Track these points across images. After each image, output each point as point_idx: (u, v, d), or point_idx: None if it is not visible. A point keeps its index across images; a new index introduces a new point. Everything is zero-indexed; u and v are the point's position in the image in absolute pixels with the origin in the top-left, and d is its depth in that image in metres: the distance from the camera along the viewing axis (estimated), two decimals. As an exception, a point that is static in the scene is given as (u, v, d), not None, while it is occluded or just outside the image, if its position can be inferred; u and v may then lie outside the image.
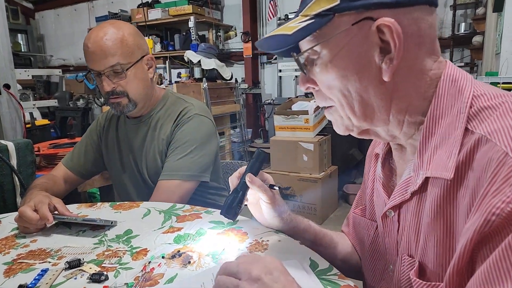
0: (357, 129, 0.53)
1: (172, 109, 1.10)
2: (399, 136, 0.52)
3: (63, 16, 6.76)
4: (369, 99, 0.48)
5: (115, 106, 1.02)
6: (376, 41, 0.45)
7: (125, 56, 0.98)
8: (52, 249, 0.70)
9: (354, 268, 0.74)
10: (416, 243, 0.49)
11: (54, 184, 1.08)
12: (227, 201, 0.70)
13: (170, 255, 0.66)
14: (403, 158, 0.55)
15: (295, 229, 0.72)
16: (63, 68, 5.99)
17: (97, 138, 1.20)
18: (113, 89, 0.99)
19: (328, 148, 3.03)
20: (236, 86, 4.16)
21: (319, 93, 0.52)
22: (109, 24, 0.99)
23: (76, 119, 3.55)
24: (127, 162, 1.13)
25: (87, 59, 0.98)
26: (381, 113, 0.49)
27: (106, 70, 0.97)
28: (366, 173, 0.70)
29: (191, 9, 4.35)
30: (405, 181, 0.51)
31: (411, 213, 0.50)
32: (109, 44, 0.96)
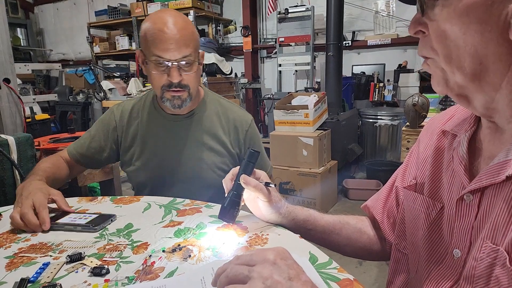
0: (459, 89, 0.47)
1: (222, 110, 1.11)
2: (503, 111, 0.46)
3: (63, 10, 6.73)
4: (486, 56, 0.42)
5: (174, 99, 0.97)
6: None
7: (195, 49, 0.96)
8: (53, 243, 0.70)
9: (363, 249, 0.73)
10: (505, 231, 0.45)
11: (58, 169, 1.03)
12: (224, 205, 0.70)
13: (171, 249, 0.66)
14: (498, 139, 0.50)
15: (294, 221, 0.72)
16: (62, 63, 5.98)
17: (112, 131, 1.10)
18: (179, 81, 0.94)
19: (328, 143, 3.03)
20: (235, 80, 4.15)
21: (426, 40, 0.48)
22: (175, 12, 0.95)
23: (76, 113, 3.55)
24: (171, 158, 1.06)
25: (157, 45, 0.90)
26: (495, 76, 0.43)
27: (180, 60, 0.92)
28: (423, 149, 0.65)
29: (190, 3, 4.33)
30: (498, 164, 0.46)
31: (503, 199, 0.46)
32: (185, 33, 0.91)
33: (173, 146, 1.07)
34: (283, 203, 0.72)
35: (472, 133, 0.55)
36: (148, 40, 0.92)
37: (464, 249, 0.51)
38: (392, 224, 0.71)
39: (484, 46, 0.42)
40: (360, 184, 3.29)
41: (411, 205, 0.63)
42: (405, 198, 0.66)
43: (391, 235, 0.70)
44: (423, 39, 0.48)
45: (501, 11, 0.40)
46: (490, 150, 0.52)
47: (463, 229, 0.52)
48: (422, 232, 0.59)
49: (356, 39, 4.31)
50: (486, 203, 0.48)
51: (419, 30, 0.48)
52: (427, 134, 0.66)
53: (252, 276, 0.43)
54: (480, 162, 0.53)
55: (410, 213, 0.63)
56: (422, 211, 0.60)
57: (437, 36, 0.45)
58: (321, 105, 3.07)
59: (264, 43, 4.92)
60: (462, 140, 0.55)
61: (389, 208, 0.72)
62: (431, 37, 0.46)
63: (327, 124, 3.13)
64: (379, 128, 3.74)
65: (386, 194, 0.73)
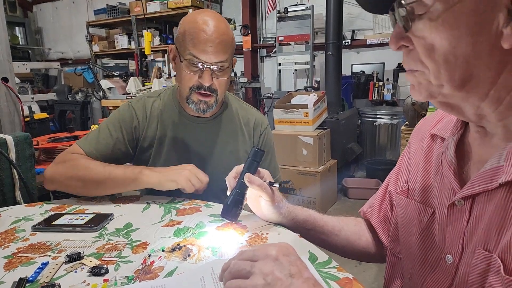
0: (444, 98, 0.46)
1: (242, 113, 1.09)
2: (489, 116, 0.46)
3: (61, 9, 6.71)
4: (476, 67, 0.41)
5: (200, 103, 0.94)
6: (505, 1, 0.38)
7: (231, 56, 0.93)
8: (52, 243, 0.70)
9: (362, 251, 0.73)
10: (497, 238, 0.44)
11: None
12: (227, 203, 0.70)
13: (170, 248, 0.66)
14: (486, 143, 0.50)
15: (294, 221, 0.72)
16: (61, 62, 5.96)
17: (134, 130, 1.01)
18: (210, 85, 0.91)
19: (327, 142, 3.03)
20: (235, 79, 4.14)
21: (412, 54, 0.45)
22: (217, 15, 0.92)
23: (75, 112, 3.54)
24: (192, 162, 0.98)
25: (197, 45, 0.87)
26: (484, 86, 0.43)
27: (215, 64, 0.89)
28: (413, 153, 0.65)
29: (190, 2, 4.31)
30: (491, 170, 0.46)
31: (495, 205, 0.45)
32: (226, 38, 0.89)
33: (194, 149, 1.03)
34: (284, 203, 0.72)
35: (459, 137, 0.54)
36: (186, 37, 0.89)
37: (456, 255, 0.51)
38: (388, 229, 0.71)
39: (476, 57, 0.41)
40: (359, 183, 3.29)
41: (403, 211, 0.63)
42: (398, 204, 0.66)
43: (387, 240, 0.70)
44: (408, 53, 0.46)
45: (492, 21, 0.39)
46: (479, 154, 0.51)
47: (455, 235, 0.51)
48: (415, 238, 0.58)
49: (355, 38, 4.30)
50: (478, 208, 0.48)
51: (402, 45, 0.46)
52: (417, 137, 0.66)
53: (253, 271, 0.43)
54: (470, 166, 0.52)
55: (403, 218, 0.63)
56: (414, 217, 0.59)
57: (425, 51, 0.43)
58: (321, 104, 3.06)
59: (263, 42, 4.91)
60: (449, 144, 0.55)
61: (384, 213, 0.72)
62: (418, 51, 0.44)
63: (326, 123, 3.13)
64: (378, 127, 3.74)
65: (380, 199, 0.73)
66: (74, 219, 0.79)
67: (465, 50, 0.41)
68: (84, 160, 0.93)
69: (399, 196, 0.65)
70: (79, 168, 0.90)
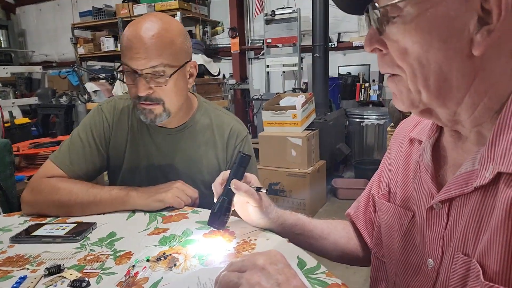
0: (423, 106, 0.46)
1: (218, 122, 1.01)
2: (464, 122, 0.46)
3: (46, 11, 6.56)
4: (449, 73, 0.42)
5: (146, 113, 0.88)
6: (475, 7, 0.38)
7: (170, 59, 0.84)
8: (30, 255, 0.67)
9: (350, 254, 0.73)
10: (475, 242, 0.45)
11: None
12: (214, 211, 0.68)
13: (155, 258, 0.64)
14: (461, 147, 0.50)
15: (283, 226, 0.71)
16: (45, 64, 5.83)
17: (102, 133, 0.97)
18: (148, 94, 0.84)
19: (316, 143, 3.04)
20: (223, 82, 4.13)
21: (386, 58, 0.45)
22: (156, 18, 0.85)
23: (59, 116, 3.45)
24: (159, 174, 0.97)
25: (125, 53, 0.83)
26: (458, 91, 0.43)
27: (146, 71, 0.83)
28: (394, 157, 0.65)
29: (177, 5, 4.28)
30: (466, 173, 0.46)
31: (471, 209, 0.45)
32: (155, 41, 0.82)
33: (161, 161, 0.98)
34: (272, 208, 0.71)
35: (435, 140, 0.55)
36: (122, 47, 0.85)
37: (436, 259, 0.51)
38: (372, 233, 0.71)
39: (448, 63, 0.41)
40: (348, 184, 3.31)
41: (385, 215, 0.63)
42: (379, 208, 0.66)
43: (372, 243, 0.70)
44: (382, 57, 0.46)
45: (463, 27, 0.39)
46: (454, 157, 0.52)
47: (434, 239, 0.51)
48: (397, 243, 0.58)
49: (341, 40, 4.34)
50: (455, 212, 0.48)
51: (376, 47, 0.46)
52: (396, 141, 0.66)
53: (241, 283, 0.43)
54: (446, 170, 0.53)
55: (385, 223, 0.63)
56: (395, 221, 0.60)
57: (399, 54, 0.43)
58: (309, 105, 3.07)
59: (251, 44, 4.91)
60: (426, 147, 0.55)
61: (369, 216, 0.72)
62: (393, 55, 0.44)
63: (315, 125, 3.15)
64: (365, 128, 3.78)
65: (365, 202, 0.73)
66: (54, 229, 0.76)
67: (437, 55, 0.41)
68: (64, 184, 0.87)
69: (381, 201, 0.65)
70: (61, 194, 0.85)
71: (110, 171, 1.02)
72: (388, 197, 0.64)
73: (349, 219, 0.77)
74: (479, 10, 0.38)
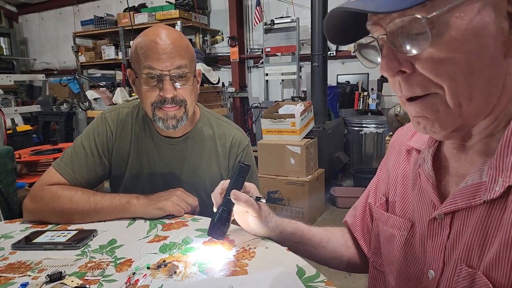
0: (461, 121, 0.43)
1: (219, 132, 1.02)
2: (478, 133, 0.45)
3: (48, 20, 6.64)
4: (489, 80, 0.40)
5: (168, 118, 0.88)
6: (503, 11, 0.38)
7: (191, 62, 0.89)
8: (32, 262, 0.68)
9: (349, 262, 0.73)
10: (480, 254, 0.44)
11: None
12: (213, 221, 0.69)
13: (156, 265, 0.65)
14: (464, 158, 0.49)
15: (282, 234, 0.72)
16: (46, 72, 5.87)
17: (105, 142, 0.97)
18: (174, 96, 0.87)
19: (315, 151, 3.06)
20: (223, 90, 4.16)
21: (414, 78, 0.42)
22: (167, 27, 0.90)
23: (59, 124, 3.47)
24: (163, 185, 0.97)
25: (148, 56, 0.84)
26: (493, 98, 0.41)
27: (173, 71, 0.85)
28: (391, 166, 0.64)
29: (177, 14, 4.34)
30: (473, 186, 0.45)
31: (476, 221, 0.44)
32: (178, 43, 0.86)
33: (165, 172, 0.99)
34: (271, 217, 0.72)
35: (435, 149, 0.54)
36: (139, 53, 0.86)
37: (437, 270, 0.50)
38: (370, 242, 0.71)
39: (488, 69, 0.40)
40: (347, 192, 3.31)
41: (384, 225, 0.63)
42: (378, 218, 0.66)
43: (369, 252, 0.71)
44: (408, 78, 0.42)
45: (497, 32, 0.38)
46: (456, 168, 0.51)
47: (435, 249, 0.51)
48: (398, 253, 0.58)
49: (340, 49, 4.39)
50: (459, 224, 0.48)
51: (400, 70, 0.42)
52: (394, 150, 0.66)
53: None
54: (448, 180, 0.52)
55: (384, 234, 0.63)
56: (395, 231, 0.59)
57: (436, 69, 0.40)
58: (308, 114, 3.10)
59: (251, 53, 4.96)
60: (426, 157, 0.54)
61: (367, 225, 0.73)
62: (426, 71, 0.41)
63: (313, 133, 3.16)
64: (364, 136, 3.80)
65: (361, 211, 0.73)
66: (56, 236, 0.77)
67: (478, 62, 0.39)
68: (65, 192, 0.88)
69: (379, 211, 0.65)
70: (62, 202, 0.86)
71: (112, 179, 1.03)
72: (386, 206, 0.64)
73: (346, 226, 0.78)
74: (505, 14, 0.39)
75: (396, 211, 0.61)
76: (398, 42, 0.41)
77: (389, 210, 0.63)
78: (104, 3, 5.93)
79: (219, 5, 5.00)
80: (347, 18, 0.44)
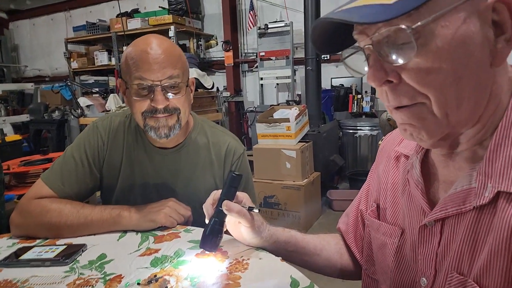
0: (448, 129, 0.43)
1: (214, 140, 1.00)
2: (466, 142, 0.45)
3: (39, 26, 6.60)
4: (475, 89, 0.40)
5: (160, 127, 0.85)
6: (488, 20, 0.38)
7: (183, 71, 0.87)
8: (18, 280, 0.65)
9: (343, 269, 0.73)
10: (471, 261, 0.44)
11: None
12: (205, 233, 0.67)
13: (146, 280, 0.63)
14: (452, 164, 0.49)
15: (276, 244, 0.71)
16: (38, 79, 5.82)
17: (96, 151, 0.95)
18: (166, 106, 0.84)
19: (310, 155, 3.05)
20: (217, 95, 4.15)
21: (401, 88, 0.41)
22: (159, 36, 0.88)
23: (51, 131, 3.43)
24: (156, 196, 0.95)
25: (139, 66, 0.82)
26: (481, 107, 0.42)
27: (164, 81, 0.83)
28: (381, 172, 0.64)
29: (171, 19, 4.32)
30: (462, 192, 0.45)
31: (466, 227, 0.44)
32: (170, 53, 0.84)
33: (158, 183, 0.97)
34: (265, 226, 0.71)
35: (423, 155, 0.54)
36: (129, 63, 0.84)
37: (430, 278, 0.50)
38: (363, 249, 0.71)
39: (474, 78, 0.40)
40: (343, 195, 3.30)
41: (376, 233, 0.63)
42: (370, 226, 0.66)
43: (362, 260, 0.70)
44: (395, 88, 0.42)
45: (483, 40, 0.39)
46: (445, 174, 0.51)
47: (427, 256, 0.50)
48: (390, 261, 0.58)
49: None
50: (449, 230, 0.47)
51: (386, 80, 0.42)
52: (383, 156, 0.66)
53: None
54: (437, 187, 0.52)
55: (377, 241, 0.62)
56: (387, 240, 0.59)
57: (422, 78, 0.40)
58: (302, 117, 3.09)
59: (245, 57, 4.96)
60: (414, 163, 0.54)
61: (359, 232, 0.72)
62: (412, 81, 0.40)
63: (308, 137, 3.16)
64: (359, 139, 3.80)
65: (353, 218, 0.73)
66: (44, 252, 0.75)
67: (464, 71, 0.39)
68: (54, 205, 0.85)
69: (371, 218, 0.64)
70: (51, 216, 0.83)
71: (104, 190, 1.00)
72: (377, 213, 0.63)
73: (339, 233, 0.77)
74: (490, 23, 0.39)
75: (387, 218, 0.60)
76: (384, 52, 0.40)
77: (380, 217, 0.63)
78: (96, 8, 5.90)
79: (213, 9, 5.00)
80: (333, 28, 0.44)
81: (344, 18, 0.38)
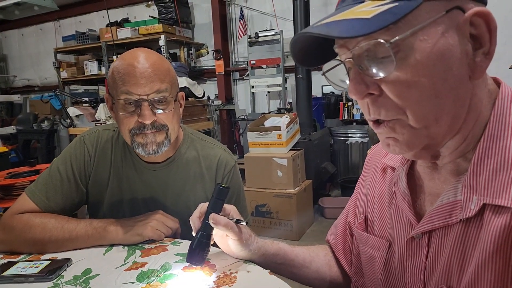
0: (428, 140, 0.43)
1: (204, 153, 0.99)
2: (449, 154, 0.46)
3: (28, 36, 6.55)
4: (454, 101, 0.40)
5: (148, 143, 0.83)
6: (466, 34, 0.39)
7: (172, 85, 0.85)
8: (-1, 298, 0.64)
9: (332, 282, 0.72)
10: (459, 274, 0.44)
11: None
12: (192, 247, 0.67)
13: (132, 296, 0.62)
14: (437, 177, 0.50)
15: (264, 256, 0.70)
16: (27, 89, 5.75)
17: (83, 166, 0.93)
18: (153, 121, 0.82)
19: (302, 163, 3.06)
20: (208, 103, 4.15)
21: (382, 100, 0.42)
22: (147, 50, 0.86)
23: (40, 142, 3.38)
24: (145, 211, 0.92)
25: (126, 80, 0.80)
26: (458, 121, 0.42)
27: (152, 96, 0.81)
28: (368, 184, 0.64)
29: (161, 28, 4.34)
30: (448, 204, 0.45)
31: (454, 240, 0.44)
32: (157, 67, 0.82)
33: (147, 198, 0.95)
34: (253, 239, 0.70)
35: (409, 167, 0.54)
36: (115, 78, 0.81)
37: None
38: (351, 261, 0.71)
39: (453, 91, 0.40)
40: (335, 202, 3.31)
41: (364, 246, 0.63)
42: (358, 238, 0.66)
43: (351, 272, 0.70)
44: (375, 100, 0.42)
45: (461, 54, 0.39)
46: (430, 187, 0.51)
47: (415, 269, 0.50)
48: (379, 274, 0.58)
49: (324, 60, 4.46)
50: (436, 243, 0.47)
51: (369, 93, 0.42)
52: (370, 168, 0.66)
53: None
54: (423, 199, 0.52)
55: (365, 255, 0.62)
56: (375, 253, 0.59)
57: (401, 92, 0.40)
58: (293, 125, 3.11)
59: (236, 65, 4.99)
60: (400, 175, 0.54)
61: (347, 245, 0.72)
62: (392, 94, 0.40)
63: (300, 144, 3.17)
64: (350, 146, 3.83)
65: (342, 230, 0.73)
66: (27, 267, 0.73)
67: (444, 85, 0.39)
68: (37, 220, 0.83)
69: (358, 231, 0.64)
70: (34, 231, 0.81)
71: (90, 206, 0.98)
72: (365, 226, 0.63)
73: (328, 245, 0.77)
74: (468, 36, 0.39)
75: (375, 230, 0.60)
76: (364, 65, 0.41)
77: (368, 230, 0.63)
78: (86, 18, 5.89)
79: (203, 19, 5.03)
80: (313, 42, 0.44)
81: (323, 33, 0.39)
